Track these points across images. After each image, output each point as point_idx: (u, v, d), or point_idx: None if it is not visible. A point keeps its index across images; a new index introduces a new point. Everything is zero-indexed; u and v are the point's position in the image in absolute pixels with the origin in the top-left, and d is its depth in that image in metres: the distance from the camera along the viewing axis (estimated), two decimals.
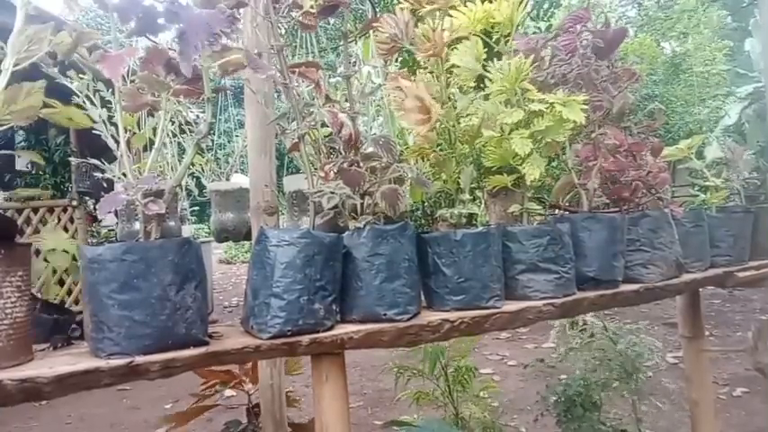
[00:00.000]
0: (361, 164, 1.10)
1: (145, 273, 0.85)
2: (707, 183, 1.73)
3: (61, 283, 4.61)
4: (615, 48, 1.35)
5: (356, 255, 1.07)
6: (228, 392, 2.24)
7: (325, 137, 1.15)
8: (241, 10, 1.06)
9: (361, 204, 1.09)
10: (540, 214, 1.33)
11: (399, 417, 2.67)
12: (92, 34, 0.86)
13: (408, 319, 1.08)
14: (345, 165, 1.09)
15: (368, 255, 1.06)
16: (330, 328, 1.03)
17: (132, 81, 0.93)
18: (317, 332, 1.00)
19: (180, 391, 3.69)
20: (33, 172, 6.51)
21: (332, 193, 1.04)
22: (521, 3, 1.23)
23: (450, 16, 1.23)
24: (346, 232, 1.08)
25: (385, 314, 1.06)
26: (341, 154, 1.12)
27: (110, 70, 0.83)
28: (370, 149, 1.12)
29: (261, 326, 0.98)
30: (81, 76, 0.99)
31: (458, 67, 1.26)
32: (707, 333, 2.57)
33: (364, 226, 1.07)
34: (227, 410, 2.22)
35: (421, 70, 1.30)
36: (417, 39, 1.21)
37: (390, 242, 1.07)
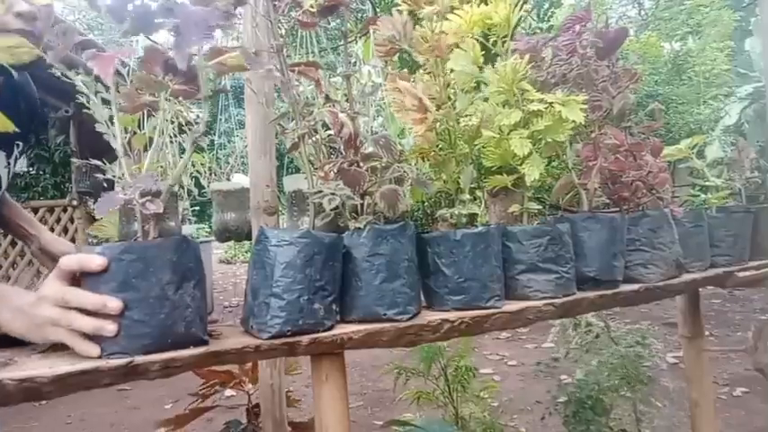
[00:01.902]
0: (362, 164, 1.10)
1: (143, 272, 0.85)
2: (707, 183, 1.73)
3: None
4: (616, 48, 1.35)
5: (356, 255, 1.07)
6: (229, 392, 2.24)
7: (325, 137, 1.15)
8: (240, 10, 1.06)
9: (362, 204, 1.09)
10: (540, 214, 1.33)
11: (399, 416, 2.67)
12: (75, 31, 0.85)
13: (408, 319, 1.08)
14: (345, 165, 1.09)
15: (368, 255, 1.06)
16: (330, 328, 1.03)
17: (132, 81, 0.93)
18: (317, 332, 1.00)
19: (180, 392, 3.69)
20: (33, 172, 6.50)
21: (332, 194, 1.04)
22: (517, 4, 1.22)
23: (447, 20, 1.23)
24: (346, 232, 1.08)
25: (385, 314, 1.06)
26: (341, 154, 1.12)
27: (101, 69, 0.82)
28: (370, 149, 1.12)
29: (261, 326, 0.98)
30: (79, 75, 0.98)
31: (453, 71, 1.26)
32: (707, 333, 2.57)
33: (364, 226, 1.07)
34: (228, 411, 2.22)
35: (420, 71, 1.30)
36: (416, 40, 1.21)
37: (390, 242, 1.07)
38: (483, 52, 1.26)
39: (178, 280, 0.87)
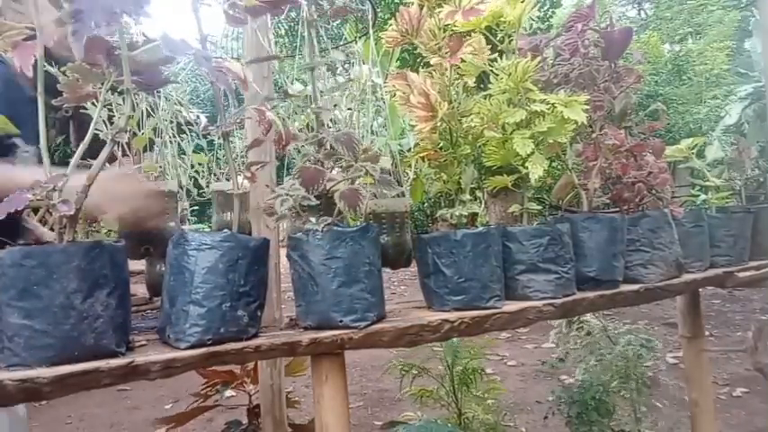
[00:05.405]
0: (325, 162, 1.05)
1: (46, 279, 0.79)
2: (707, 183, 1.73)
3: None
4: (622, 50, 1.34)
5: (312, 258, 1.02)
6: (229, 393, 2.24)
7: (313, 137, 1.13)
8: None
9: (321, 204, 1.05)
10: (540, 214, 1.32)
11: (399, 416, 2.67)
12: None
13: (365, 327, 1.03)
14: (308, 163, 1.05)
15: (325, 258, 1.01)
16: (254, 336, 0.98)
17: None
18: (240, 340, 0.95)
19: (180, 392, 3.69)
20: None
21: (286, 194, 1.00)
22: (529, 3, 1.22)
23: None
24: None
25: (341, 321, 1.02)
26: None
27: (21, 60, 0.78)
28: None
29: (178, 335, 0.92)
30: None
31: (463, 62, 1.25)
32: (707, 333, 2.57)
33: (322, 228, 1.02)
34: (228, 411, 2.22)
35: (423, 69, 1.30)
36: (425, 34, 1.21)
37: (349, 245, 1.01)
38: (489, 47, 1.26)
39: (87, 288, 0.81)
